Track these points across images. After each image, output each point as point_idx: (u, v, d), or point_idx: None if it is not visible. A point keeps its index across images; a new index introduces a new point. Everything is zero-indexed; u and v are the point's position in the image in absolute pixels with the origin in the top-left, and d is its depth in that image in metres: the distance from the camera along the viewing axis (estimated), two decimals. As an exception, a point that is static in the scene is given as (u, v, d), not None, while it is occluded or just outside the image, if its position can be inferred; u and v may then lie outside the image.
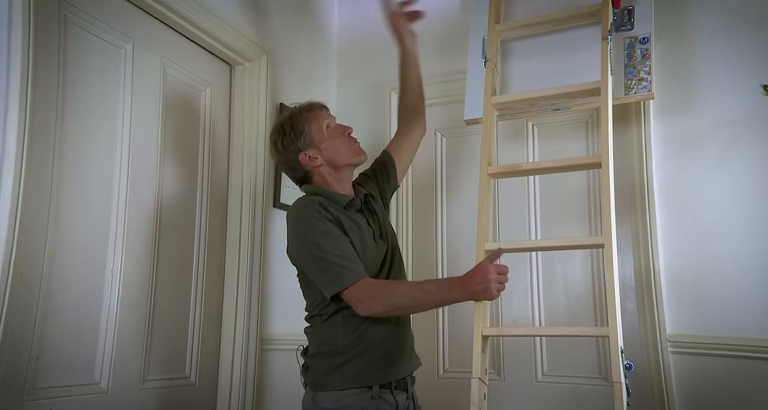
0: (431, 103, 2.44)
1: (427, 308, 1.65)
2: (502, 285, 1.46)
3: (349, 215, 1.61)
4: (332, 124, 1.68)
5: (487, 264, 1.47)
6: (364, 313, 1.49)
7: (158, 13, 1.82)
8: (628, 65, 1.85)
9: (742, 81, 1.92)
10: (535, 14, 2.00)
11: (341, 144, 1.65)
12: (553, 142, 2.25)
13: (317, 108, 1.69)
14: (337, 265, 1.49)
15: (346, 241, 1.54)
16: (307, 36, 2.47)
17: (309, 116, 1.66)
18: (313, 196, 1.62)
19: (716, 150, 1.94)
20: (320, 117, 1.67)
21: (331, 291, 1.50)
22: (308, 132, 1.64)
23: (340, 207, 1.60)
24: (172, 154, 1.89)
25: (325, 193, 1.63)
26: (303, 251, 1.56)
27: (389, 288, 1.55)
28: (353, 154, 1.66)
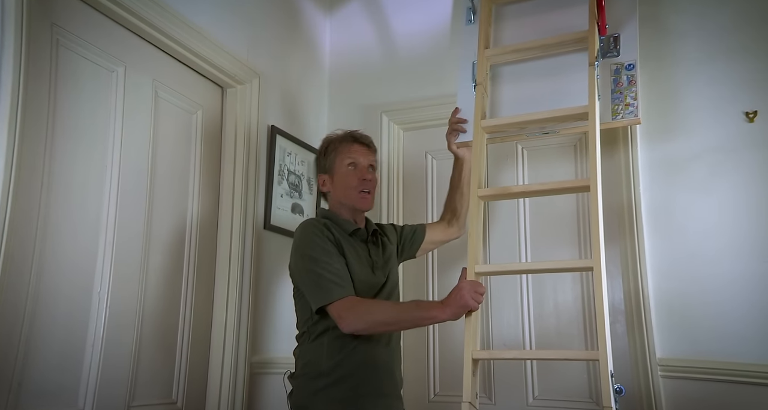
0: (423, 126, 2.49)
1: (409, 325, 1.71)
2: (478, 295, 1.55)
3: (351, 241, 1.71)
4: (359, 164, 1.76)
5: (462, 282, 1.57)
6: (347, 329, 1.56)
7: (151, 36, 1.83)
8: (614, 91, 1.88)
9: (725, 108, 1.96)
10: (524, 40, 2.04)
11: (350, 187, 1.75)
12: (543, 165, 2.28)
13: (357, 141, 1.78)
14: (329, 281, 1.58)
15: (342, 261, 1.63)
16: (299, 59, 2.50)
17: (342, 147, 1.78)
18: (321, 218, 1.75)
19: (702, 175, 1.97)
20: (351, 151, 1.77)
21: (318, 303, 1.58)
22: (332, 160, 1.78)
23: (345, 233, 1.71)
24: (162, 176, 1.89)
25: (334, 217, 1.75)
26: (300, 264, 1.66)
27: (370, 304, 1.63)
28: (354, 200, 1.75)
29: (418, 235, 1.96)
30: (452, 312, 1.53)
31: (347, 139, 1.79)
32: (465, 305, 1.52)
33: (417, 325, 1.79)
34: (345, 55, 2.64)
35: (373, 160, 1.80)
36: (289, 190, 2.32)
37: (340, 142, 1.79)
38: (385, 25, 2.59)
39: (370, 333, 1.61)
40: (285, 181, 2.30)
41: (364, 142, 1.80)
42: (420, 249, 1.97)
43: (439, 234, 2.00)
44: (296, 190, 2.36)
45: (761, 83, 1.94)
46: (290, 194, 2.33)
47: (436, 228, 2.00)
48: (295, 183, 2.36)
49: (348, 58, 2.64)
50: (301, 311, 1.70)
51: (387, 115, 2.51)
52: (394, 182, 2.50)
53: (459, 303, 1.52)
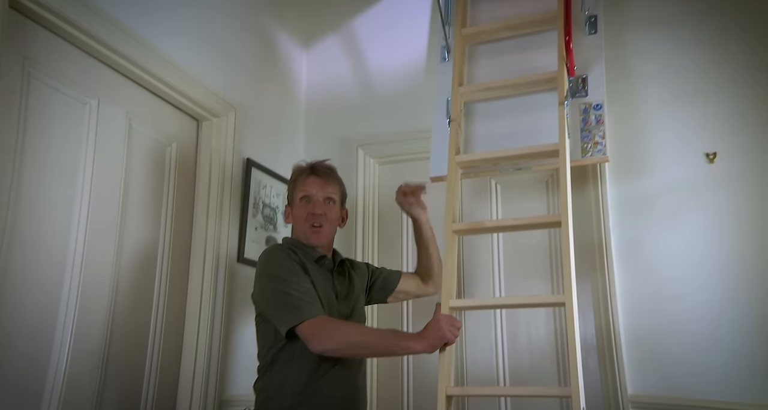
0: (398, 160, 2.52)
1: (382, 351, 1.67)
2: (455, 328, 1.53)
3: (316, 268, 1.67)
4: (312, 196, 1.72)
5: (438, 315, 1.54)
6: (317, 348, 1.49)
7: (125, 69, 1.83)
8: (583, 129, 1.94)
9: (686, 148, 2.03)
10: (496, 78, 2.10)
11: (300, 221, 1.72)
12: (516, 199, 2.32)
13: (313, 173, 1.74)
14: (299, 299, 1.53)
15: (309, 281, 1.59)
16: (275, 92, 2.52)
17: (299, 179, 1.75)
18: (286, 243, 1.72)
19: (668, 212, 2.03)
20: (305, 184, 1.73)
21: (288, 323, 1.51)
22: (291, 192, 1.77)
23: (310, 259, 1.67)
24: (133, 208, 1.87)
25: (299, 244, 1.71)
26: (266, 286, 1.60)
27: (345, 325, 1.59)
28: (305, 235, 1.72)
29: (392, 281, 1.91)
30: (429, 344, 1.50)
31: (305, 171, 1.75)
32: (443, 337, 1.49)
33: (390, 354, 1.76)
34: (321, 89, 2.67)
35: (331, 192, 1.74)
36: (264, 222, 2.32)
37: (299, 173, 1.76)
38: (361, 60, 2.64)
39: (340, 355, 1.54)
40: (260, 213, 2.30)
41: (321, 173, 1.74)
42: (392, 296, 1.93)
43: (413, 287, 1.96)
44: (271, 223, 2.36)
45: (719, 125, 2.02)
46: (264, 227, 2.32)
47: (410, 280, 1.97)
48: (269, 216, 2.35)
49: (324, 91, 2.67)
50: (263, 339, 1.63)
51: (363, 149, 2.53)
52: (369, 216, 2.51)
53: (437, 335, 1.49)
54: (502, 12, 2.19)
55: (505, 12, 2.18)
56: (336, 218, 1.77)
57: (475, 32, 2.15)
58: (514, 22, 2.08)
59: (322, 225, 1.70)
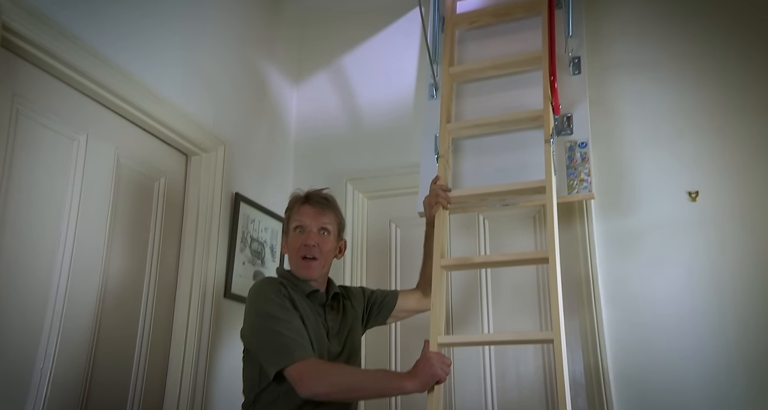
0: (387, 194, 2.53)
1: (374, 394, 1.62)
2: (446, 366, 1.49)
3: (307, 304, 1.62)
4: (306, 227, 1.66)
5: (428, 352, 1.50)
6: (306, 393, 1.43)
7: (114, 105, 1.83)
8: (569, 166, 1.97)
9: (670, 186, 2.06)
10: (484, 115, 2.14)
11: (292, 252, 1.67)
12: (504, 235, 2.33)
13: (307, 202, 1.68)
14: (290, 339, 1.47)
15: (299, 319, 1.54)
16: (265, 127, 2.54)
17: (294, 208, 1.69)
18: (279, 277, 1.66)
19: (654, 249, 2.04)
20: (299, 214, 1.68)
21: (276, 365, 1.45)
22: (286, 222, 1.72)
23: (301, 294, 1.62)
24: (120, 243, 1.85)
25: (292, 277, 1.65)
26: (256, 323, 1.54)
27: (336, 368, 1.53)
28: (297, 267, 1.66)
29: (389, 302, 1.86)
30: (421, 383, 1.45)
31: (299, 200, 1.70)
32: (434, 375, 1.45)
33: (383, 395, 1.70)
34: (311, 124, 2.70)
35: (325, 222, 1.67)
36: (252, 257, 2.31)
37: (295, 202, 1.71)
38: (350, 96, 2.68)
39: (330, 399, 1.47)
40: (248, 248, 2.29)
41: (316, 202, 1.68)
42: (391, 316, 1.87)
43: (413, 304, 1.90)
44: (259, 258, 2.35)
45: (700, 165, 2.06)
46: (252, 262, 2.31)
47: (410, 296, 1.91)
48: (257, 250, 2.35)
49: (314, 126, 2.69)
50: (248, 376, 1.57)
51: (352, 184, 2.55)
52: (358, 250, 2.50)
53: (428, 372, 1.44)
54: (489, 52, 2.24)
55: (491, 52, 2.23)
56: (330, 249, 1.69)
57: (463, 71, 2.20)
58: (501, 62, 2.12)
59: (314, 258, 1.64)
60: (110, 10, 1.79)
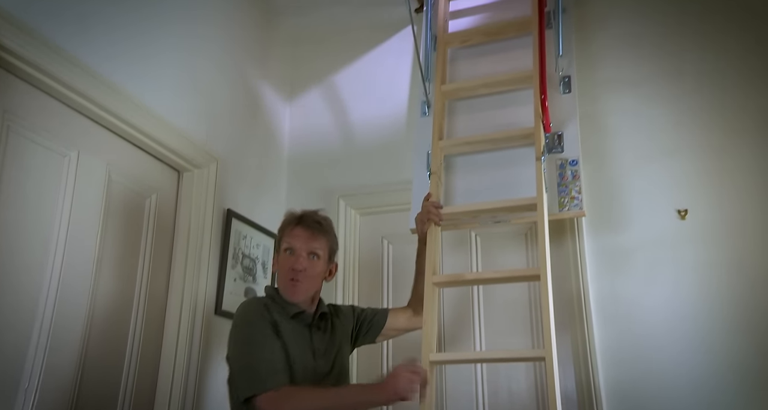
0: (379, 211, 2.53)
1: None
2: (414, 383, 1.47)
3: (292, 325, 1.61)
4: (295, 249, 1.65)
5: (400, 367, 1.49)
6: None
7: (106, 121, 1.82)
8: (560, 184, 1.98)
9: (660, 204, 2.08)
10: (475, 133, 2.16)
11: (281, 274, 1.68)
12: (496, 252, 2.33)
13: (299, 224, 1.67)
14: (264, 366, 1.48)
15: (278, 347, 1.53)
16: (258, 144, 2.53)
17: (286, 229, 1.69)
18: (265, 297, 1.66)
19: (644, 266, 2.05)
20: (290, 236, 1.67)
21: (246, 392, 1.46)
22: (278, 242, 1.72)
23: (286, 316, 1.61)
24: (110, 260, 1.83)
25: (279, 298, 1.65)
26: (234, 348, 1.56)
27: (304, 393, 1.50)
28: (284, 288, 1.66)
29: (379, 320, 1.84)
30: (385, 398, 1.47)
31: (293, 221, 1.69)
32: (397, 393, 1.43)
33: None
34: (304, 141, 2.70)
35: (315, 247, 1.66)
36: (243, 273, 2.30)
37: (288, 223, 1.70)
38: (343, 113, 2.69)
39: None
40: (239, 264, 2.28)
41: (309, 225, 1.67)
42: (381, 335, 1.86)
43: (403, 322, 1.88)
44: (250, 274, 2.34)
45: (689, 183, 2.07)
46: (244, 278, 2.29)
47: (400, 315, 1.89)
48: (249, 267, 2.33)
49: (307, 143, 2.69)
50: (232, 399, 1.56)
51: (344, 200, 2.55)
52: (350, 267, 2.49)
53: (392, 389, 1.44)
54: (481, 70, 2.26)
55: (483, 70, 2.25)
56: (318, 273, 1.69)
57: (455, 89, 2.22)
58: (492, 81, 2.14)
59: (300, 281, 1.64)
60: (103, 27, 1.79)
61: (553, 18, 2.15)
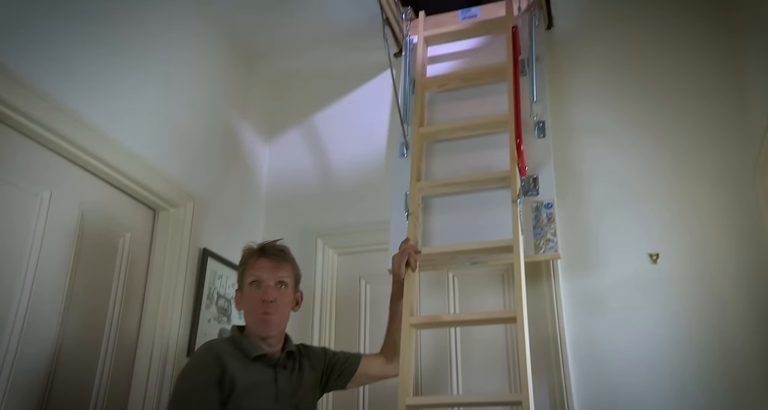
0: (357, 251, 2.52)
1: None
2: None
3: (252, 367, 1.52)
4: (263, 281, 1.59)
5: None
6: None
7: (81, 160, 1.79)
8: (536, 226, 2.00)
9: (632, 248, 2.10)
10: (453, 175, 2.18)
11: (251, 307, 1.59)
12: (473, 293, 2.32)
13: (263, 255, 1.61)
14: None
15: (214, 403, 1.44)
16: (236, 182, 2.52)
17: (249, 262, 1.62)
18: (224, 339, 1.59)
19: (619, 309, 2.05)
20: (255, 268, 1.61)
21: None
22: (241, 276, 1.65)
23: (245, 359, 1.52)
24: (79, 301, 1.77)
25: (239, 339, 1.58)
26: (169, 401, 1.51)
27: None
28: (255, 323, 1.58)
29: (350, 366, 1.78)
30: None
31: (255, 254, 1.62)
32: None
33: None
34: (282, 180, 2.69)
35: (283, 276, 1.61)
36: (218, 314, 2.25)
37: (249, 256, 1.63)
38: (322, 153, 2.69)
39: None
40: (213, 305, 2.23)
41: (272, 255, 1.62)
42: (352, 381, 1.79)
43: (376, 369, 1.82)
44: (225, 315, 2.29)
45: (660, 228, 2.10)
46: (218, 319, 2.25)
47: (373, 361, 1.83)
48: (224, 307, 2.29)
49: (285, 182, 2.68)
50: None
51: (322, 239, 2.53)
52: (327, 307, 2.46)
53: None
54: (458, 113, 2.31)
55: (460, 113, 2.30)
56: (288, 302, 1.64)
57: (433, 131, 2.25)
58: (469, 124, 2.18)
59: (272, 313, 1.57)
60: (79, 65, 1.77)
61: (527, 65, 2.21)
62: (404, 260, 1.88)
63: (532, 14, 2.30)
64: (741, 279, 1.98)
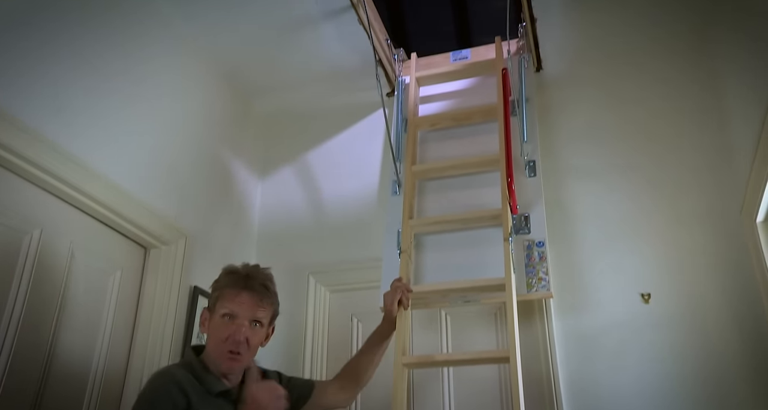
0: (349, 288, 2.50)
1: None
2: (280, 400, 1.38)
3: (214, 404, 1.40)
4: (238, 317, 1.45)
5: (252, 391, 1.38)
6: None
7: (72, 198, 1.76)
8: (528, 265, 2.00)
9: (624, 288, 2.09)
10: (445, 213, 2.18)
11: (218, 341, 1.45)
12: (466, 331, 2.28)
13: (245, 289, 1.47)
14: None
15: None
16: (228, 219, 2.49)
17: (226, 290, 1.48)
18: (182, 367, 1.42)
19: (612, 349, 2.03)
20: (233, 301, 1.46)
21: None
22: (214, 301, 1.49)
23: (207, 394, 1.39)
24: (65, 340, 1.72)
25: (199, 369, 1.43)
26: None
27: None
28: (219, 359, 1.44)
29: (303, 393, 1.65)
30: None
31: (237, 284, 1.47)
32: None
33: None
34: (275, 217, 2.67)
35: (261, 316, 1.47)
36: (207, 353, 2.21)
37: (230, 283, 1.48)
38: (315, 191, 2.68)
39: None
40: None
41: (256, 290, 1.47)
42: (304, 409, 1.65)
43: (328, 398, 1.69)
44: (214, 354, 2.25)
45: (651, 268, 2.10)
46: (207, 358, 2.21)
47: (326, 389, 1.70)
48: (213, 346, 2.25)
49: (278, 219, 2.66)
50: None
51: (314, 277, 2.50)
52: (318, 345, 2.41)
53: None
54: (450, 152, 2.33)
55: (452, 152, 2.32)
56: (259, 342, 1.50)
57: (425, 169, 2.27)
58: (461, 163, 2.20)
59: (241, 354, 1.43)
60: (70, 103, 1.75)
61: (518, 106, 2.25)
62: (396, 298, 1.85)
63: (522, 57, 2.35)
64: (730, 318, 1.98)
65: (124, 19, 2.02)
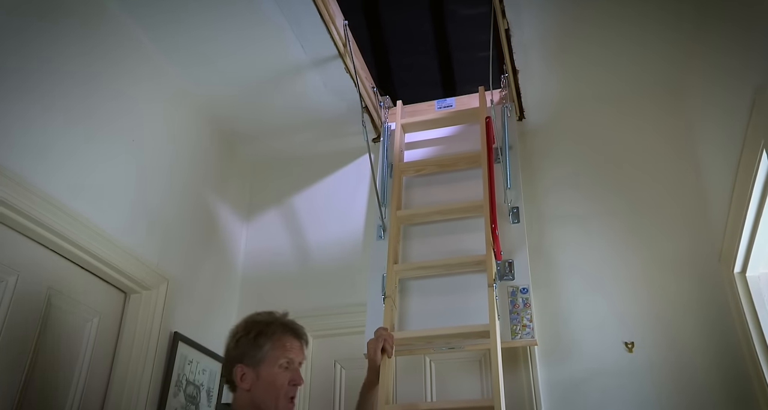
0: (332, 334, 2.44)
1: None
2: None
3: None
4: (294, 363, 1.48)
5: None
6: None
7: (48, 241, 1.70)
8: (512, 311, 1.97)
9: (607, 336, 2.06)
10: (430, 258, 2.17)
11: (279, 390, 1.44)
12: (451, 378, 2.23)
13: (296, 336, 1.50)
14: None
15: None
16: (212, 263, 2.44)
17: (278, 337, 1.48)
18: None
19: (596, 397, 1.99)
20: (287, 348, 1.46)
21: None
22: (265, 352, 1.46)
23: None
24: (36, 390, 1.63)
25: None
26: None
27: None
28: (277, 407, 1.43)
29: None
30: None
31: (284, 330, 1.49)
32: None
33: None
34: (259, 261, 2.62)
35: (304, 358, 1.53)
36: (185, 403, 2.12)
37: (278, 330, 1.48)
38: (300, 235, 2.66)
39: None
40: (182, 392, 2.11)
41: (300, 335, 1.52)
42: None
43: None
44: (193, 403, 2.16)
45: (634, 316, 2.08)
46: (186, 407, 2.11)
47: None
48: (192, 395, 2.16)
49: (262, 264, 2.61)
50: None
51: (297, 321, 2.46)
52: (301, 392, 2.34)
53: None
54: (434, 198, 2.33)
55: (436, 198, 2.32)
56: None
57: (410, 214, 2.27)
58: (445, 208, 2.20)
59: (294, 396, 1.46)
60: (48, 144, 1.70)
61: (501, 154, 2.27)
62: (380, 346, 1.80)
63: (504, 106, 2.39)
64: (713, 366, 1.96)
65: (109, 62, 2.00)
